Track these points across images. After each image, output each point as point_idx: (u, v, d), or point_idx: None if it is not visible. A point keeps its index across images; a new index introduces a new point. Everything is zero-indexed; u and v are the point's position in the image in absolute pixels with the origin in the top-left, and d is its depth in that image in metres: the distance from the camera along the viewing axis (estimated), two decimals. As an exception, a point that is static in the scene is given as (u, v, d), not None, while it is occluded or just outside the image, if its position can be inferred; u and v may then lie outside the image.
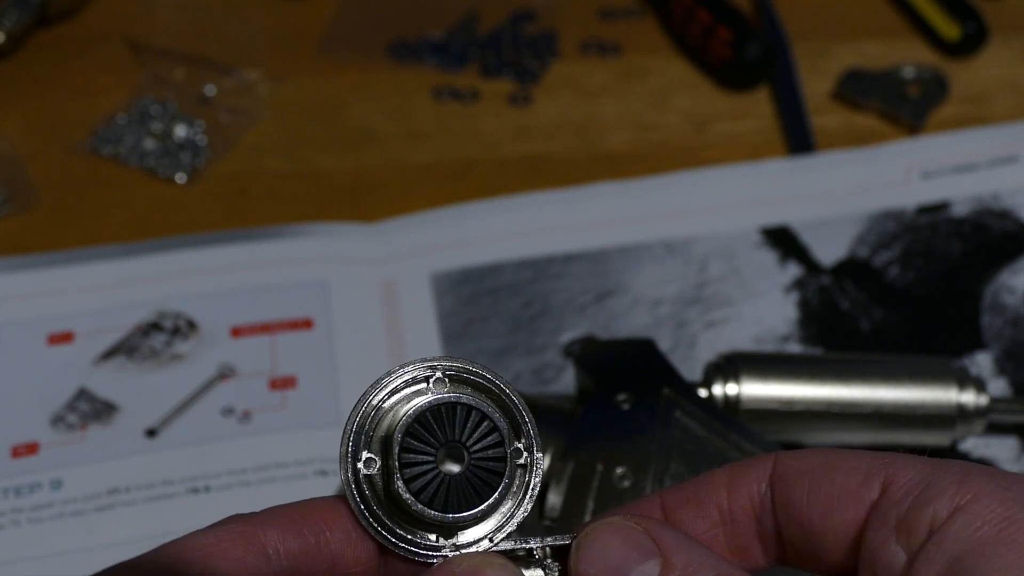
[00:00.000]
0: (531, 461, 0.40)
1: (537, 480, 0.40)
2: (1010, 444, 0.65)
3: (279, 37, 0.92)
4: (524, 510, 0.40)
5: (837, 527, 0.39)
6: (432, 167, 0.82)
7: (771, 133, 0.84)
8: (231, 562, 0.36)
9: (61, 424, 0.66)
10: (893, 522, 0.37)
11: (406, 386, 0.39)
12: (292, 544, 0.37)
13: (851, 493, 0.39)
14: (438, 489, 0.38)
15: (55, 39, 0.92)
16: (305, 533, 0.38)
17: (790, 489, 0.40)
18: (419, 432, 0.38)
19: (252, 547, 0.36)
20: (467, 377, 0.40)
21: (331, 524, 0.38)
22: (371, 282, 0.74)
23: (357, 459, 0.39)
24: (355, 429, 0.39)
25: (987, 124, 0.83)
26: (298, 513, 0.38)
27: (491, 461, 0.39)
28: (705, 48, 0.86)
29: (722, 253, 0.75)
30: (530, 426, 0.40)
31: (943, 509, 0.36)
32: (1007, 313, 0.71)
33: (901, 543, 0.37)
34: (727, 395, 0.61)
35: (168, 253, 0.75)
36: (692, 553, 0.38)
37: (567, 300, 0.73)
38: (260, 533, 0.37)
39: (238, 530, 0.37)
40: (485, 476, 0.39)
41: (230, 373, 0.69)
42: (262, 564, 0.36)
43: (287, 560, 0.37)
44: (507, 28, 0.92)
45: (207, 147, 0.83)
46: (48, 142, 0.84)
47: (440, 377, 0.39)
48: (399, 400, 0.39)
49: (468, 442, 0.39)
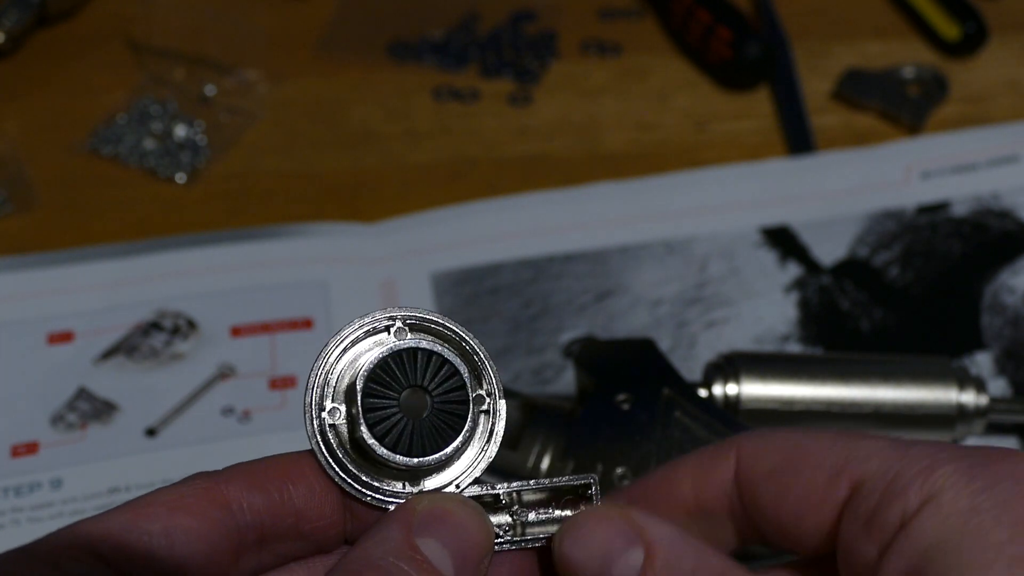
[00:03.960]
0: (493, 407, 0.40)
1: (501, 425, 0.40)
2: (1010, 444, 0.64)
3: (279, 37, 0.92)
4: (489, 456, 0.40)
5: (812, 528, 0.39)
6: (432, 167, 0.82)
7: (771, 133, 0.84)
8: (194, 517, 0.36)
9: (61, 423, 0.66)
10: (863, 519, 0.37)
11: (367, 336, 0.40)
12: (256, 499, 0.38)
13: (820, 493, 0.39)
14: (401, 433, 0.38)
15: (55, 39, 0.92)
16: (269, 488, 0.38)
17: (757, 492, 0.40)
18: (381, 378, 0.39)
19: (215, 502, 0.37)
20: (428, 326, 0.40)
21: (295, 479, 0.39)
22: (371, 282, 0.74)
23: (322, 408, 0.39)
24: (318, 380, 0.39)
25: (987, 124, 0.83)
26: (261, 469, 0.38)
27: (454, 404, 0.39)
28: (705, 48, 0.86)
29: (722, 253, 0.75)
30: (491, 373, 0.40)
31: (912, 503, 0.36)
32: (1007, 313, 0.71)
33: (873, 538, 0.37)
34: (727, 395, 0.61)
35: (168, 253, 0.75)
36: (675, 541, 0.38)
37: (567, 300, 0.73)
38: (223, 489, 0.37)
39: (201, 486, 0.37)
40: (448, 420, 0.39)
41: (230, 373, 0.69)
42: (226, 519, 0.37)
43: (251, 515, 0.37)
44: (507, 28, 0.92)
45: (207, 147, 0.83)
46: (48, 142, 0.84)
47: (400, 327, 0.39)
48: (361, 350, 0.39)
49: (430, 387, 0.39)
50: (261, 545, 0.38)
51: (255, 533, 0.38)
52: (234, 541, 0.37)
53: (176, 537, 0.36)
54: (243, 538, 0.37)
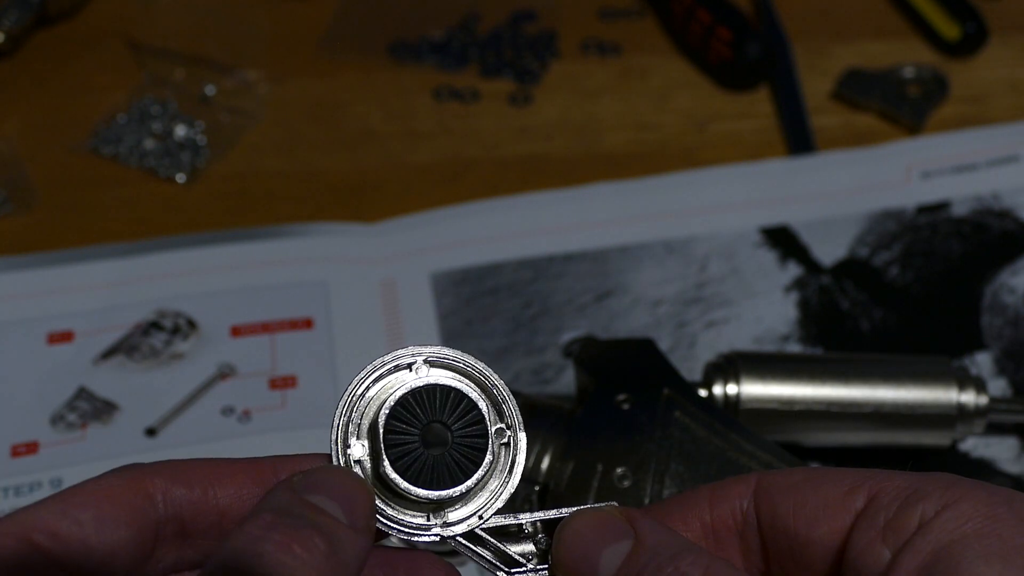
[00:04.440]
0: (513, 439, 0.41)
1: (521, 457, 0.41)
2: (1010, 444, 0.65)
3: (279, 37, 0.92)
4: (511, 487, 0.41)
5: (823, 536, 0.39)
6: (432, 167, 0.82)
7: (771, 133, 0.84)
8: (120, 507, 0.38)
9: (61, 423, 0.66)
10: (881, 524, 0.38)
11: (389, 373, 0.41)
12: (178, 493, 0.39)
13: (837, 503, 0.39)
14: (423, 468, 0.40)
15: (55, 39, 0.92)
16: (192, 484, 0.39)
17: (776, 502, 0.41)
18: (402, 415, 0.40)
19: (139, 492, 0.38)
20: (449, 363, 0.41)
21: (222, 480, 0.40)
22: (371, 282, 0.74)
23: (347, 446, 0.40)
24: (343, 417, 0.41)
25: (987, 124, 0.83)
26: (189, 466, 0.40)
27: (474, 438, 0.40)
28: (705, 48, 0.86)
29: (722, 253, 0.75)
30: (512, 407, 0.41)
31: (930, 509, 0.37)
32: (1007, 313, 0.71)
33: (887, 543, 0.37)
34: (727, 395, 0.61)
35: (168, 252, 0.75)
36: (664, 535, 0.39)
37: (567, 300, 0.73)
38: (148, 480, 0.39)
39: (128, 476, 0.39)
40: (469, 453, 0.40)
41: (230, 372, 0.69)
42: (147, 508, 0.38)
43: (171, 507, 0.39)
44: (507, 28, 0.92)
45: (207, 147, 0.83)
46: (48, 142, 0.84)
47: (422, 364, 0.41)
48: (383, 387, 0.41)
49: (450, 421, 0.40)
50: (182, 539, 0.39)
51: (174, 526, 0.39)
52: (152, 531, 0.38)
53: (106, 525, 0.37)
54: (162, 529, 0.39)
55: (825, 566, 0.40)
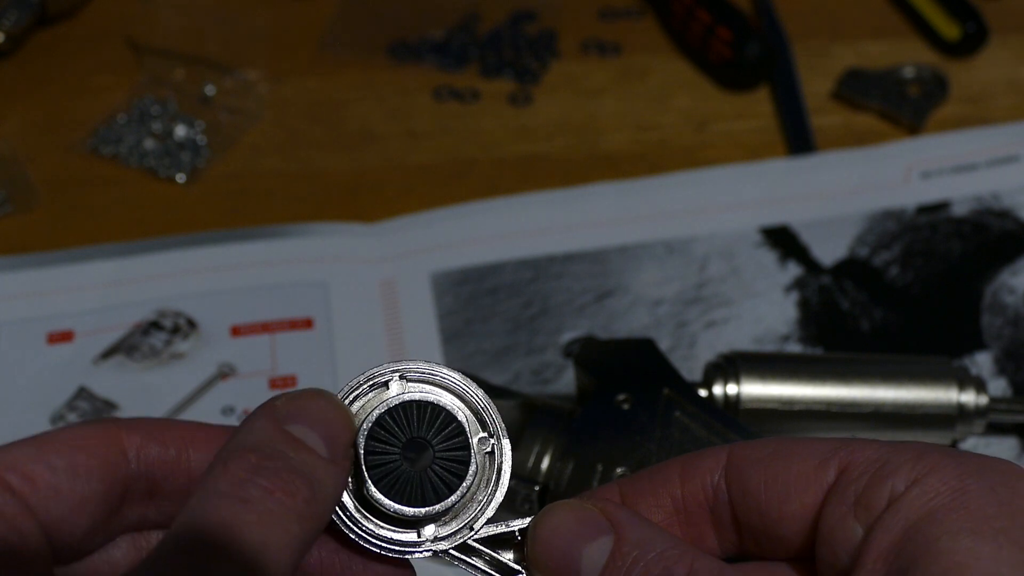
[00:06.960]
0: (498, 448, 0.41)
1: (507, 465, 0.41)
2: (1010, 444, 0.65)
3: (279, 37, 0.92)
4: (499, 495, 0.41)
5: (795, 511, 0.39)
6: (432, 167, 0.82)
7: (771, 133, 0.84)
8: (94, 457, 0.38)
9: (61, 423, 0.66)
10: (851, 499, 0.38)
11: (364, 393, 0.41)
12: (151, 451, 0.39)
13: (808, 477, 0.39)
14: (407, 485, 0.39)
15: (55, 39, 0.92)
16: (167, 444, 0.39)
17: (746, 476, 0.40)
18: (381, 435, 0.40)
19: (113, 446, 0.38)
20: (425, 376, 0.41)
21: (196, 444, 0.40)
22: (371, 282, 0.74)
23: None
24: None
25: (987, 124, 0.83)
26: (165, 426, 0.40)
27: (456, 451, 0.40)
28: (705, 48, 0.86)
29: (722, 253, 0.75)
30: (493, 415, 0.41)
31: (900, 484, 0.37)
32: (1007, 313, 0.71)
33: (859, 518, 0.37)
34: (727, 395, 0.61)
35: (168, 252, 0.75)
36: (646, 530, 0.39)
37: (567, 300, 0.73)
38: (124, 435, 0.39)
39: (104, 428, 0.39)
40: (452, 467, 0.40)
41: (230, 372, 0.69)
42: (120, 462, 0.38)
43: (143, 464, 0.39)
44: (507, 28, 0.92)
45: (207, 147, 0.83)
46: (48, 142, 0.84)
47: (398, 380, 0.41)
48: (360, 408, 0.40)
49: (430, 436, 0.40)
50: (149, 498, 0.39)
51: (144, 484, 0.39)
52: (122, 487, 0.38)
53: (78, 474, 0.37)
54: (132, 486, 0.39)
55: (798, 540, 0.39)
